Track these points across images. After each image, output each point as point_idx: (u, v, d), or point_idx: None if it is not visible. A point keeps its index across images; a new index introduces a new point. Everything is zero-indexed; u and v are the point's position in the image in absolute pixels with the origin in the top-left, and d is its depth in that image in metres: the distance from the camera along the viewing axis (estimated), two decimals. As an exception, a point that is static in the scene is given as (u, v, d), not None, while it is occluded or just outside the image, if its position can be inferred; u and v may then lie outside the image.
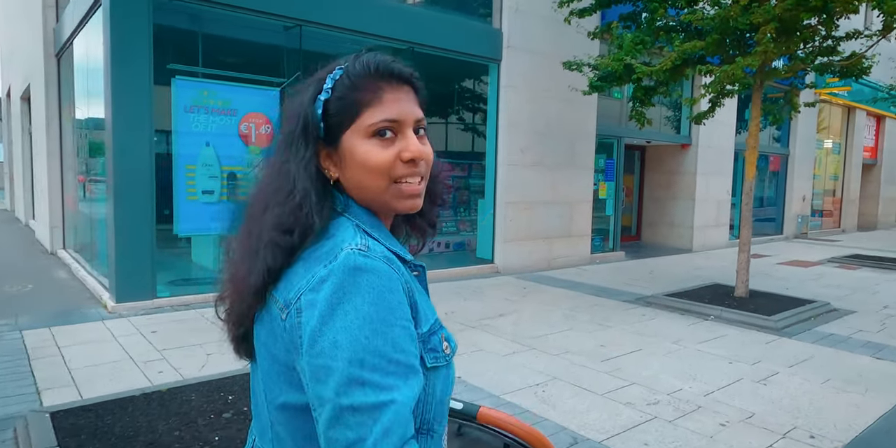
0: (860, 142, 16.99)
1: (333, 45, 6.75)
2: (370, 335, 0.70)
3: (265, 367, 0.81)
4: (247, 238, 0.83)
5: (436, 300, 3.40)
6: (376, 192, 0.83)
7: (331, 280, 0.72)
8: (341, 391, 0.68)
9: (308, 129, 0.82)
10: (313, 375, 0.70)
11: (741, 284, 6.49)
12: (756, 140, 6.30)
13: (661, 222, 12.02)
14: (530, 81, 8.09)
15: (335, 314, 0.70)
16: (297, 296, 0.75)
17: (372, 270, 0.73)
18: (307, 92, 0.84)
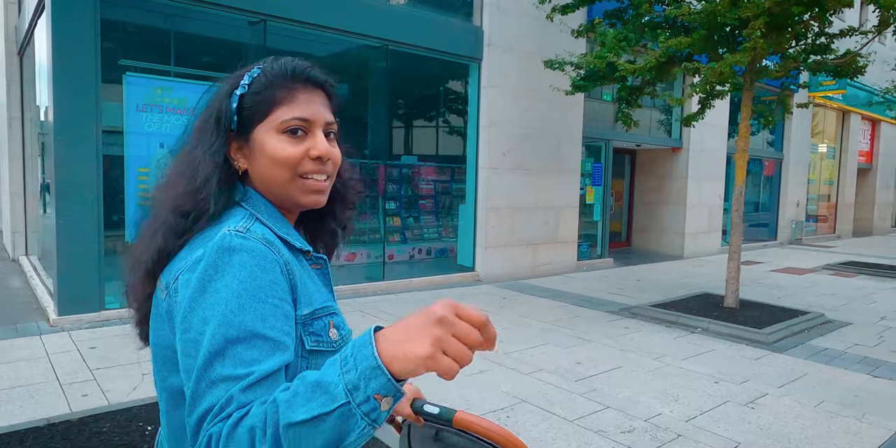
0: (855, 146, 16.73)
1: (301, 42, 6.43)
2: (236, 310, 0.71)
3: (154, 352, 0.83)
4: (150, 221, 0.85)
5: (404, 311, 2.94)
6: (282, 184, 0.86)
7: (205, 260, 0.75)
8: (206, 364, 0.69)
9: (221, 120, 0.85)
10: (183, 350, 0.73)
11: (731, 294, 6.15)
12: (746, 142, 5.98)
13: (651, 228, 11.69)
14: (513, 81, 7.76)
15: (206, 291, 0.73)
16: (175, 277, 0.78)
17: (245, 249, 0.75)
18: (224, 86, 0.88)
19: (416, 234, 8.90)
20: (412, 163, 8.49)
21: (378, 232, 8.67)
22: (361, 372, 0.63)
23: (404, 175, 8.62)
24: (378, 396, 0.62)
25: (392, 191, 8.77)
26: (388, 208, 8.77)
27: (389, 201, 8.80)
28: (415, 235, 8.85)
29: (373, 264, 7.70)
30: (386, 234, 8.16)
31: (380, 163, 8.56)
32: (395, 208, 8.74)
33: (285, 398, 0.63)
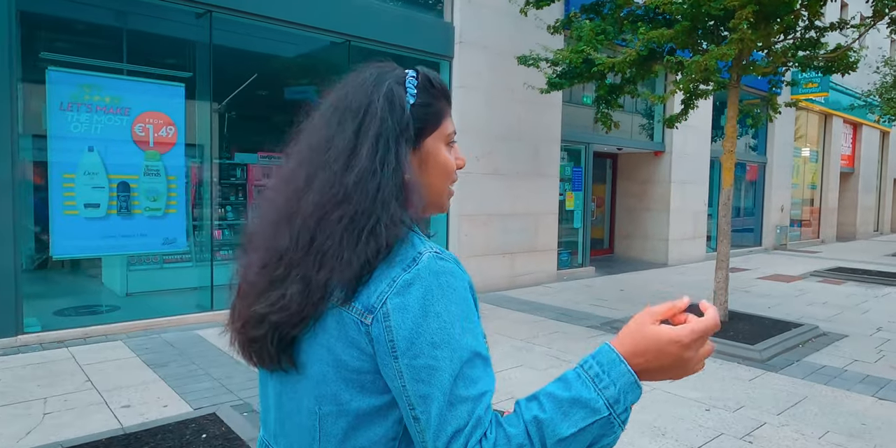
0: (838, 150, 16.57)
1: (252, 37, 5.94)
2: (461, 334, 0.75)
3: (325, 375, 0.80)
4: (349, 236, 0.78)
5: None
6: (440, 193, 0.91)
7: (417, 284, 0.75)
8: (448, 387, 0.72)
9: (405, 132, 0.83)
10: (413, 376, 0.73)
11: (719, 306, 5.72)
12: (733, 143, 5.58)
13: (634, 235, 11.30)
14: (486, 81, 7.32)
15: (428, 317, 0.74)
16: (382, 300, 0.75)
17: (450, 273, 0.78)
18: (377, 94, 0.84)
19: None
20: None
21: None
22: (621, 388, 0.74)
23: None
24: (632, 406, 0.75)
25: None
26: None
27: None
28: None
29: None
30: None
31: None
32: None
33: (546, 417, 0.72)
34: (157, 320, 5.14)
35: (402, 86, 0.86)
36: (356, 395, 0.78)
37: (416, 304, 0.74)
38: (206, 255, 6.76)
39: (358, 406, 0.78)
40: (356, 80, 0.88)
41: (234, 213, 7.28)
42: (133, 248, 5.06)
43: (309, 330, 0.80)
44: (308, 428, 0.83)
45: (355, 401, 0.78)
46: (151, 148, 5.05)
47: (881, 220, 20.45)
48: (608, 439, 0.74)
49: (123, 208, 4.90)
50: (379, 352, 0.75)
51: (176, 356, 4.37)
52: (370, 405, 0.78)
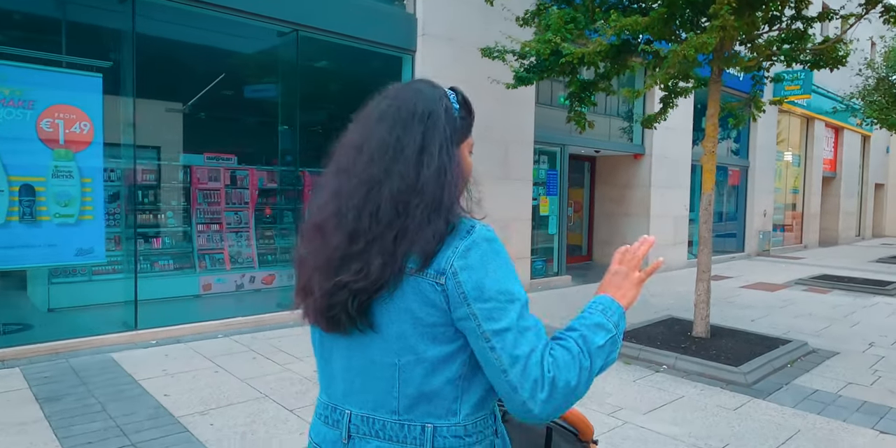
0: (820, 154, 16.30)
1: (181, 26, 5.36)
2: (513, 283, 0.97)
3: (400, 332, 0.97)
4: (424, 218, 0.96)
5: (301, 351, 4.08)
6: (461, 192, 1.06)
7: (475, 248, 0.95)
8: (517, 320, 0.95)
9: (456, 137, 1.04)
10: (486, 316, 0.94)
11: (700, 321, 5.24)
12: (714, 143, 5.11)
13: (613, 241, 10.83)
14: (451, 76, 6.78)
15: (488, 272, 0.95)
16: (450, 263, 0.95)
17: (497, 239, 0.99)
18: (439, 104, 1.04)
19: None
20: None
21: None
22: (619, 317, 1.07)
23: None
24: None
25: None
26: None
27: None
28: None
29: (291, 288, 6.60)
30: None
31: (307, 170, 7.51)
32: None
33: (584, 334, 1.00)
34: (69, 342, 4.52)
35: (449, 99, 1.06)
36: (430, 345, 0.98)
37: (476, 263, 0.95)
38: (142, 266, 6.15)
39: (433, 354, 0.98)
40: (411, 91, 1.06)
41: (176, 219, 6.68)
42: (38, 259, 4.45)
43: (384, 296, 0.97)
44: (386, 378, 1.00)
45: (430, 350, 0.98)
46: (62, 146, 4.45)
47: (863, 225, 20.28)
48: (615, 354, 1.04)
49: (27, 215, 4.29)
50: (453, 302, 0.95)
51: (75, 387, 3.77)
52: (442, 352, 0.98)
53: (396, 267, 0.95)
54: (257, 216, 7.20)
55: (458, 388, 0.99)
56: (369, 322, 0.99)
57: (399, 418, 0.99)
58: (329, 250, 1.00)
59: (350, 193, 0.99)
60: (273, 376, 4.11)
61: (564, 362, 0.95)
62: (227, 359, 4.49)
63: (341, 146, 1.06)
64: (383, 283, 0.95)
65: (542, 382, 0.92)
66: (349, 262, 0.97)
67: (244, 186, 7.11)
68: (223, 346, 4.87)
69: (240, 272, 6.95)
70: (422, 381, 0.98)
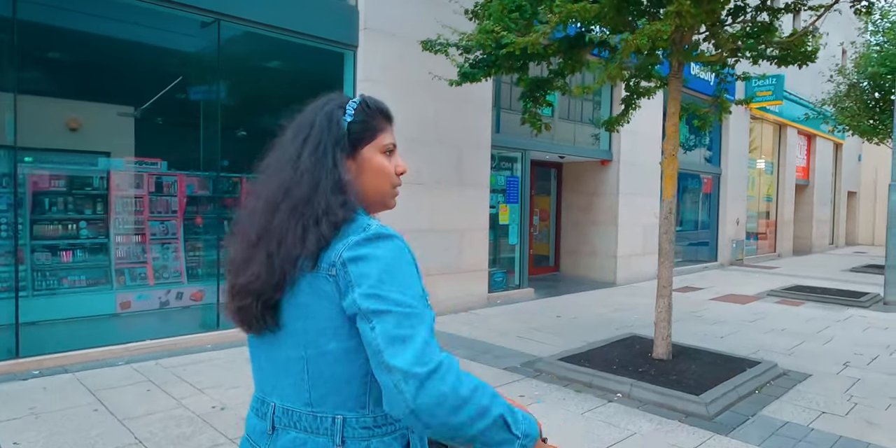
0: (792, 161, 16.10)
1: (80, 14, 4.76)
2: (405, 276, 0.97)
3: (306, 326, 1.01)
4: (294, 220, 1.01)
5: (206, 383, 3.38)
6: (382, 192, 1.14)
7: (366, 243, 0.98)
8: (398, 306, 0.93)
9: (340, 142, 1.08)
10: (369, 297, 0.93)
11: (661, 342, 4.75)
12: (675, 146, 4.65)
13: (580, 251, 10.37)
14: (396, 74, 6.28)
15: (379, 263, 0.96)
16: (339, 255, 0.98)
17: (395, 237, 1.01)
18: (326, 112, 1.11)
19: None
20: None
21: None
22: (528, 426, 1.00)
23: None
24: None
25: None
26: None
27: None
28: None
29: (212, 307, 5.99)
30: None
31: (244, 176, 6.93)
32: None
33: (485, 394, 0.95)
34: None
35: (342, 108, 1.11)
36: (330, 339, 0.99)
37: (367, 254, 0.97)
38: (48, 282, 5.51)
39: (333, 348, 1.00)
40: (309, 106, 1.14)
41: (91, 230, 6.03)
42: None
43: (286, 294, 1.02)
44: (297, 372, 1.03)
45: (330, 344, 1.00)
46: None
47: (836, 234, 20.17)
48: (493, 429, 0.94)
49: None
50: (344, 290, 0.96)
51: None
52: (342, 347, 0.99)
53: (283, 268, 1.00)
54: (187, 226, 6.58)
55: (365, 382, 1.01)
56: (275, 321, 1.04)
57: (312, 410, 1.03)
58: (235, 255, 1.08)
59: (253, 202, 1.08)
60: (159, 415, 3.51)
61: (457, 371, 0.92)
62: (114, 393, 3.87)
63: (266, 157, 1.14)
64: (275, 284, 1.01)
65: (423, 362, 0.89)
66: (248, 265, 1.04)
67: (172, 194, 6.49)
68: (118, 376, 4.24)
69: (165, 288, 6.31)
70: (328, 373, 1.01)
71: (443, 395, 0.87)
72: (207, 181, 6.76)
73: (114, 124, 6.01)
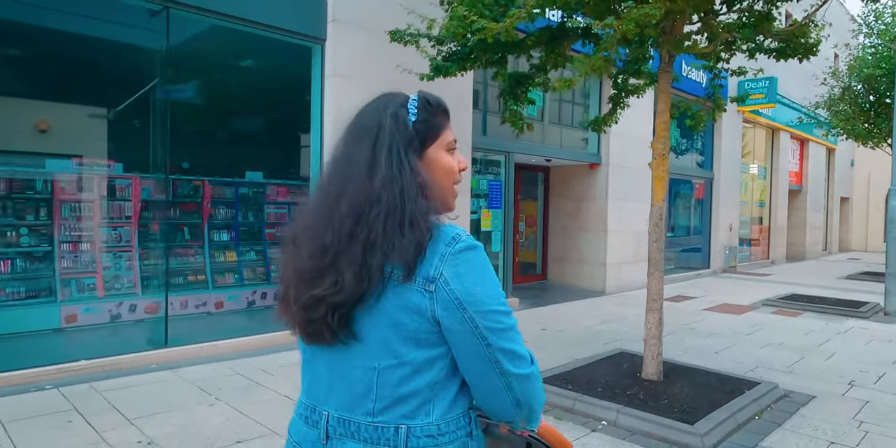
0: (786, 166, 15.79)
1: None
2: (497, 287, 1.02)
3: (382, 338, 1.00)
4: (389, 228, 0.98)
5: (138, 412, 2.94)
6: (446, 190, 1.11)
7: (461, 256, 0.99)
8: (507, 322, 1.01)
9: (412, 144, 1.06)
10: (482, 317, 0.98)
11: (651, 361, 4.32)
12: (665, 145, 4.24)
13: (569, 258, 9.95)
14: (368, 69, 5.85)
15: (478, 278, 0.99)
16: (439, 271, 0.97)
17: (481, 248, 1.02)
18: (390, 114, 1.07)
19: (233, 276, 6.79)
20: (249, 180, 6.48)
21: (202, 272, 6.54)
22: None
23: (219, 194, 6.56)
24: None
25: (220, 216, 6.66)
26: (214, 240, 6.66)
27: (219, 231, 6.71)
28: (232, 279, 6.76)
29: (161, 321, 5.52)
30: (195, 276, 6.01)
31: (206, 179, 6.49)
32: (226, 240, 6.66)
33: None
34: None
35: (405, 107, 1.08)
36: (413, 349, 1.00)
37: (466, 271, 0.98)
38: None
39: (414, 357, 1.01)
40: (369, 107, 1.11)
41: (33, 237, 5.54)
42: None
43: (366, 305, 1.00)
44: (365, 382, 1.02)
45: (412, 353, 1.00)
46: None
47: (829, 240, 19.88)
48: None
49: None
50: (448, 308, 0.98)
51: None
52: (425, 356, 1.01)
53: (372, 278, 0.98)
54: (143, 233, 6.11)
55: (434, 390, 1.02)
56: (351, 333, 1.02)
57: (373, 420, 1.02)
58: (302, 263, 1.04)
59: (319, 208, 1.05)
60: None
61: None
62: (28, 425, 3.39)
63: (325, 163, 1.13)
64: (361, 294, 0.99)
65: (528, 366, 1.03)
66: (323, 276, 1.01)
67: (126, 198, 6.02)
68: (41, 404, 3.76)
69: (116, 300, 5.83)
70: (400, 383, 1.01)
71: (536, 388, 1.04)
72: (165, 184, 6.30)
73: (60, 123, 5.55)
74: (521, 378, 1.01)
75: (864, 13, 12.28)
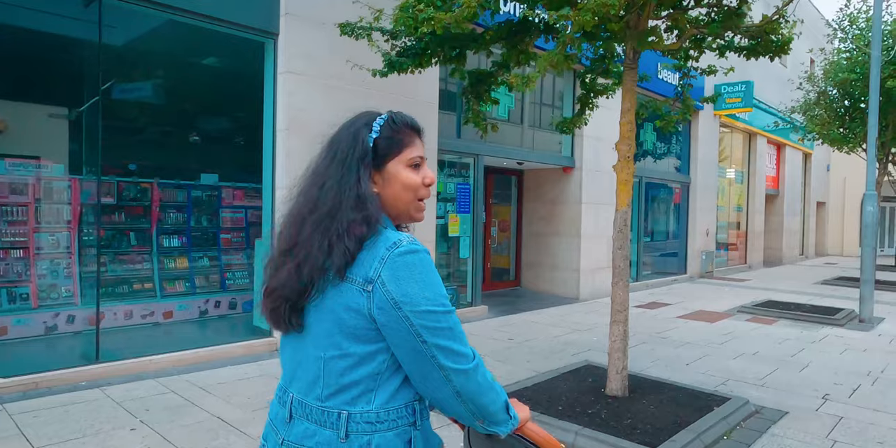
0: (762, 170, 15.75)
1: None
2: (438, 289, 1.08)
3: (327, 330, 1.10)
4: (319, 233, 1.10)
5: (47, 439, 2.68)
6: (406, 204, 1.19)
7: (400, 260, 1.06)
8: (451, 325, 1.08)
9: (364, 158, 1.15)
10: (417, 317, 1.05)
11: (616, 376, 4.06)
12: (630, 147, 3.99)
13: (542, 264, 9.70)
14: (324, 66, 5.55)
15: (414, 280, 1.05)
16: (377, 273, 1.05)
17: (423, 252, 1.09)
18: (352, 132, 1.18)
19: (195, 283, 6.43)
20: (202, 183, 6.13)
21: (150, 280, 6.17)
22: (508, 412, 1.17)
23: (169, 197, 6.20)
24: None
25: (171, 220, 6.31)
26: (164, 245, 6.30)
27: (169, 236, 6.35)
28: (182, 286, 6.40)
29: (121, 329, 5.16)
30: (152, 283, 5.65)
31: (153, 181, 6.14)
32: (177, 246, 6.29)
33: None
34: None
35: (368, 125, 1.18)
36: (353, 343, 1.08)
37: (403, 273, 1.05)
38: None
39: (354, 350, 1.09)
40: (341, 125, 1.22)
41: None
42: None
43: (314, 299, 1.11)
44: (314, 369, 1.12)
45: (352, 347, 1.09)
46: None
47: (806, 244, 19.92)
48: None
49: None
50: (384, 308, 1.05)
51: None
52: (364, 350, 1.09)
53: (312, 277, 1.08)
54: (84, 239, 5.73)
55: (376, 381, 1.10)
56: (299, 322, 1.14)
57: (322, 405, 1.11)
58: (271, 262, 1.18)
59: (289, 214, 1.18)
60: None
61: (483, 366, 1.13)
62: (-85, 455, 3.02)
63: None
64: (302, 291, 1.10)
65: (466, 362, 1.08)
66: (280, 271, 1.13)
67: (64, 201, 5.64)
68: (-60, 429, 3.39)
69: (52, 310, 5.44)
70: (343, 373, 1.09)
71: (479, 383, 1.09)
72: (109, 187, 5.93)
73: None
74: (458, 372, 1.06)
75: (839, 18, 12.25)
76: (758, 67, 13.62)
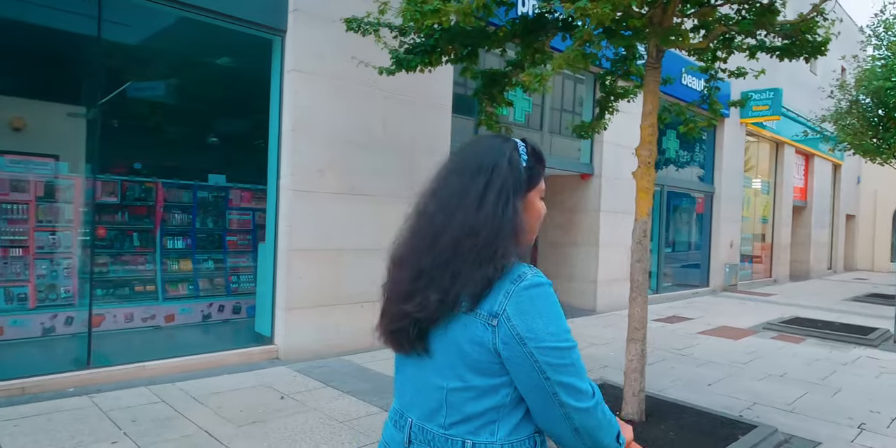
0: (790, 181, 15.24)
1: None
2: (562, 323, 1.07)
3: (450, 361, 1.10)
4: (471, 260, 1.07)
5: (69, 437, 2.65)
6: (534, 234, 1.21)
7: (524, 294, 1.05)
8: (575, 361, 1.07)
9: (520, 187, 1.15)
10: (541, 354, 1.03)
11: (632, 398, 3.77)
12: (651, 152, 3.72)
13: (559, 274, 9.39)
14: (334, 65, 5.36)
15: (539, 315, 1.05)
16: (503, 308, 1.05)
17: (548, 284, 1.09)
18: (503, 158, 1.15)
19: (191, 288, 6.27)
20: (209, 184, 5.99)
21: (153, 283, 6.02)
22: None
23: (171, 197, 6.06)
24: None
25: (175, 221, 6.17)
26: (168, 247, 6.16)
27: (173, 237, 6.21)
28: (186, 289, 6.24)
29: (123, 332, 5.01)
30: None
31: (158, 181, 6.02)
32: (181, 247, 6.15)
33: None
34: None
35: (517, 151, 1.16)
36: (476, 376, 1.08)
37: (527, 307, 1.04)
38: None
39: (477, 384, 1.08)
40: (482, 145, 1.19)
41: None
42: None
43: (439, 328, 1.10)
44: (436, 398, 1.12)
45: (475, 380, 1.08)
46: None
47: (835, 258, 19.27)
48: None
49: None
50: (509, 343, 1.04)
51: None
52: (487, 384, 1.08)
53: (450, 304, 1.07)
54: (85, 238, 5.60)
55: (500, 413, 1.09)
56: (425, 347, 1.13)
57: (445, 432, 1.11)
58: (400, 283, 1.15)
59: (423, 234, 1.14)
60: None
61: (603, 402, 1.11)
62: None
63: (422, 193, 1.19)
64: (438, 317, 1.09)
65: (587, 400, 1.07)
66: (414, 295, 1.11)
67: (67, 200, 5.52)
68: (-87, 437, 3.23)
69: (51, 311, 5.32)
70: (466, 404, 1.09)
71: (598, 420, 1.08)
72: (114, 186, 5.81)
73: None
74: (580, 411, 1.06)
75: (874, 24, 11.79)
76: (786, 74, 13.18)
